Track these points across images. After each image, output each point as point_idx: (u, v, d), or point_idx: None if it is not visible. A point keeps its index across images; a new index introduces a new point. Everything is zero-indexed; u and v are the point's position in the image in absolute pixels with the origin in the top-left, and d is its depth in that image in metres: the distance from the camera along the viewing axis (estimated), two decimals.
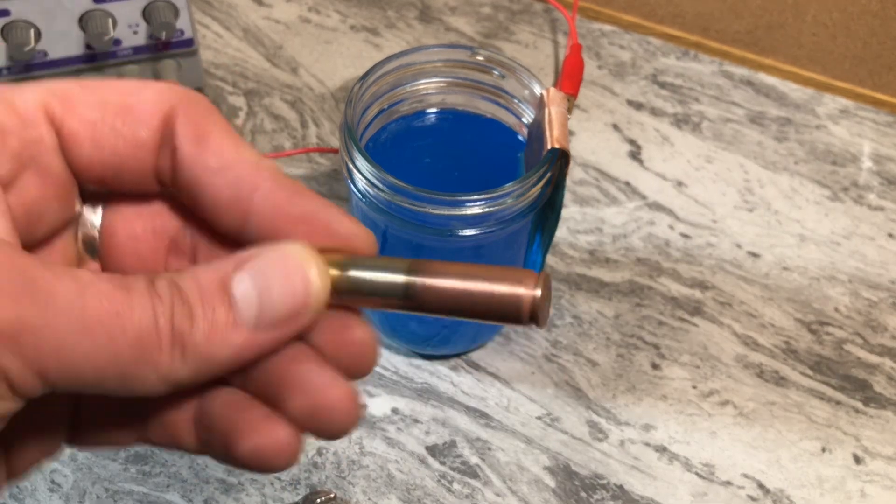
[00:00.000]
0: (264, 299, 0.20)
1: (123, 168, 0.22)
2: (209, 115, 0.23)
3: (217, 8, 0.64)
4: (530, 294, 0.21)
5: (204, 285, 0.20)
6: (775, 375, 0.47)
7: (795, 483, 0.44)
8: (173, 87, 0.23)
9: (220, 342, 0.20)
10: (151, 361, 0.20)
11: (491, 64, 0.43)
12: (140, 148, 0.22)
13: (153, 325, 0.19)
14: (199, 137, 0.22)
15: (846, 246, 0.53)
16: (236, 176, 0.22)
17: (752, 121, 0.59)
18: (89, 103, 0.22)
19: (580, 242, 0.52)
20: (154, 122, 0.22)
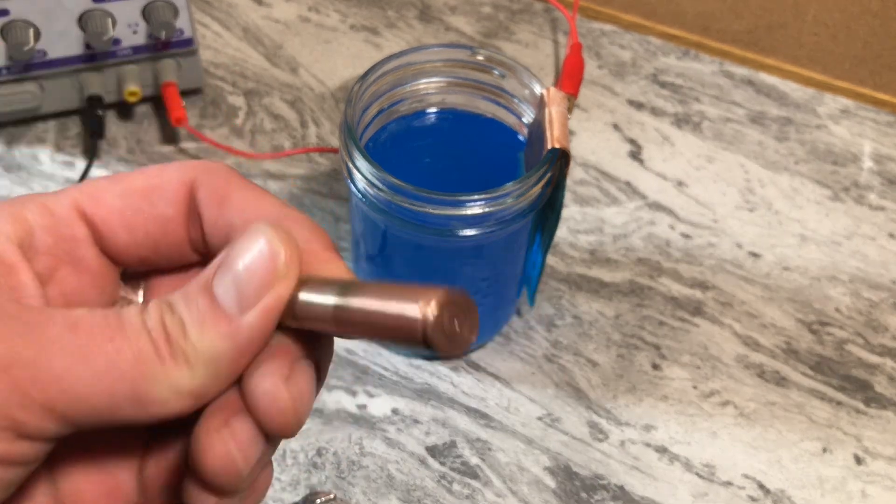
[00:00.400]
0: (236, 282, 0.21)
1: (158, 246, 0.24)
2: (228, 177, 0.24)
3: (217, 7, 0.64)
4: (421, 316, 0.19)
5: (190, 293, 0.21)
6: (776, 376, 0.47)
7: (796, 483, 0.44)
8: (193, 161, 0.24)
9: (214, 335, 0.21)
10: (158, 375, 0.20)
11: (491, 64, 0.43)
12: (169, 223, 0.24)
13: (148, 341, 0.20)
14: (220, 200, 0.23)
15: (847, 246, 0.53)
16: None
17: (752, 121, 0.59)
18: (116, 192, 0.23)
19: (580, 242, 0.52)
20: (178, 198, 0.23)
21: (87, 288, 0.23)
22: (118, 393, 0.20)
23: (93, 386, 0.19)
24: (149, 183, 0.23)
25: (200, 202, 0.23)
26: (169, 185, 0.23)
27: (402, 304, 0.20)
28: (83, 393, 0.19)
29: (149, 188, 0.23)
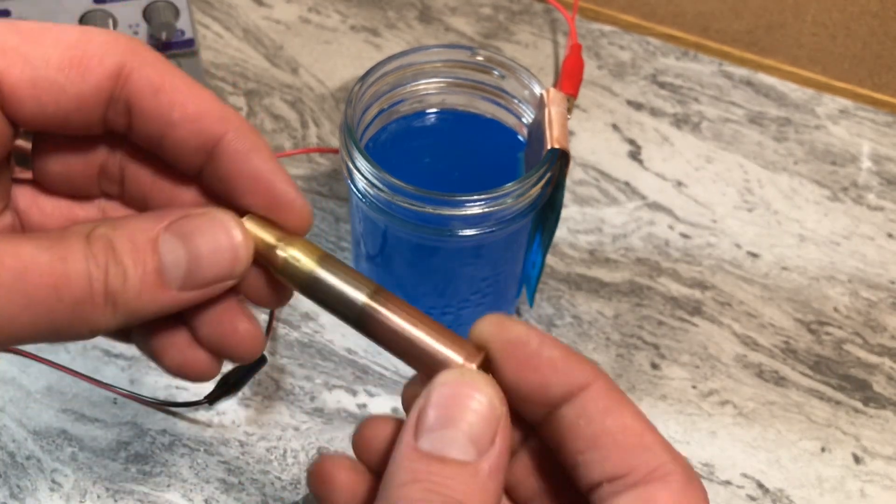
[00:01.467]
0: (192, 264, 0.22)
1: (67, 121, 0.22)
2: (162, 65, 0.23)
3: (217, 8, 0.64)
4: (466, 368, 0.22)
5: (137, 242, 0.22)
6: (775, 375, 0.47)
7: (795, 483, 0.44)
8: (120, 37, 0.22)
9: (149, 299, 0.22)
10: (85, 318, 0.21)
11: (491, 64, 0.43)
12: (86, 103, 0.22)
13: (88, 289, 0.21)
14: (156, 90, 0.22)
15: (846, 246, 0.53)
16: (200, 128, 0.22)
17: (751, 121, 0.59)
18: (29, 58, 0.21)
19: (580, 242, 0.52)
20: (101, 80, 0.22)
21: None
22: (46, 331, 0.21)
23: (29, 328, 0.21)
24: (70, 55, 0.22)
25: (132, 92, 0.22)
26: (93, 63, 0.22)
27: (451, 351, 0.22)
28: (18, 332, 0.21)
29: (69, 61, 0.22)
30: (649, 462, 0.22)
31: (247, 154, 0.23)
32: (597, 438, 0.22)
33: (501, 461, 0.21)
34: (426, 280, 0.43)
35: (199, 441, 0.43)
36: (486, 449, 0.21)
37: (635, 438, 0.22)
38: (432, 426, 0.21)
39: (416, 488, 0.20)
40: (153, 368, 0.45)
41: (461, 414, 0.21)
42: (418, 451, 0.21)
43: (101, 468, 0.42)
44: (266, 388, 0.45)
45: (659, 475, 0.21)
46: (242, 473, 0.43)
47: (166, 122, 0.22)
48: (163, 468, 0.43)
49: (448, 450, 0.20)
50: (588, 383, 0.22)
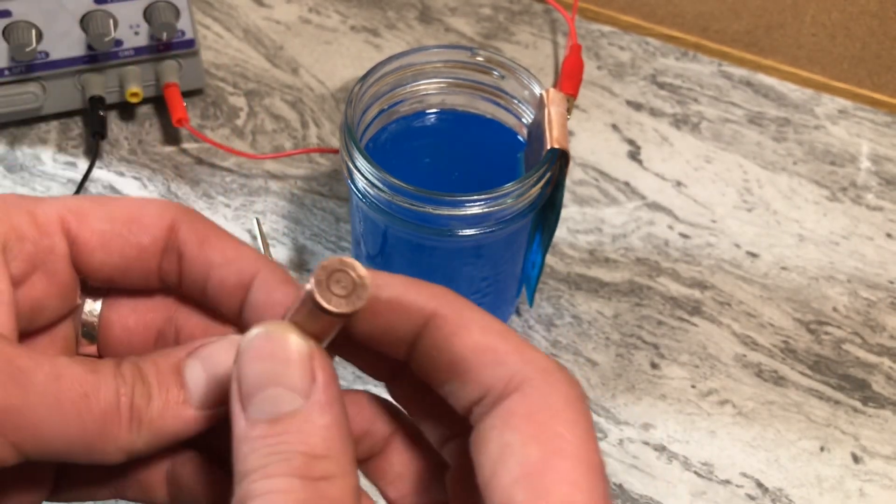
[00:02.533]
0: (210, 382, 0.23)
1: (129, 270, 0.26)
2: (207, 222, 0.26)
3: (218, 8, 0.64)
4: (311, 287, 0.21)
5: (161, 368, 0.24)
6: (774, 375, 0.47)
7: (794, 482, 0.44)
8: (172, 202, 0.26)
9: (172, 418, 0.23)
10: (112, 435, 0.22)
11: (491, 64, 0.43)
12: (145, 252, 0.25)
13: (115, 403, 0.22)
14: (201, 241, 0.26)
15: (845, 246, 0.53)
16: (239, 267, 0.25)
17: (751, 121, 0.59)
18: (100, 216, 0.25)
19: (580, 242, 0.52)
20: (157, 231, 0.25)
21: (54, 297, 0.25)
22: (76, 442, 0.22)
23: (60, 435, 0.22)
24: (132, 213, 0.25)
25: (182, 240, 0.25)
26: (150, 219, 0.25)
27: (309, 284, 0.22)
28: (49, 438, 0.22)
29: (131, 217, 0.25)
30: (501, 375, 0.21)
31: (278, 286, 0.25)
32: (451, 365, 0.22)
33: (330, 393, 0.21)
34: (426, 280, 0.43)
35: None
36: (310, 388, 0.21)
37: (487, 355, 0.21)
38: (252, 392, 0.21)
39: (255, 456, 0.20)
40: None
41: (273, 367, 0.21)
42: (249, 420, 0.21)
43: None
44: None
45: (514, 386, 0.21)
46: None
47: (210, 265, 0.25)
48: None
49: (275, 408, 0.21)
50: (429, 313, 0.22)
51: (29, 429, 0.21)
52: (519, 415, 0.20)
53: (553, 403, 0.20)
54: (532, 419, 0.20)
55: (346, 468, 0.21)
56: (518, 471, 0.20)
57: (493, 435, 0.20)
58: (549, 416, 0.20)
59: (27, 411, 0.21)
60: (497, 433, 0.20)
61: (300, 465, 0.20)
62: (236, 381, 0.22)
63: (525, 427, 0.20)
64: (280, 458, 0.20)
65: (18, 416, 0.21)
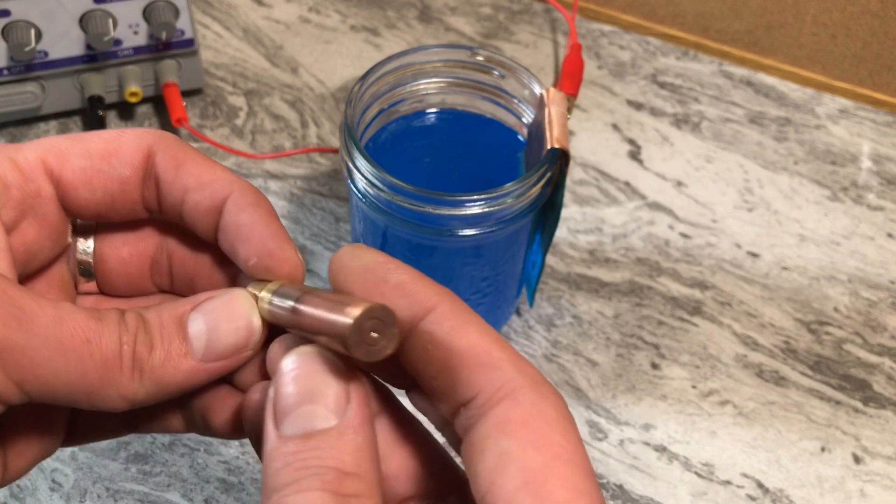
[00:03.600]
0: (212, 336, 0.24)
1: (115, 203, 0.26)
2: (182, 146, 0.26)
3: (217, 8, 0.64)
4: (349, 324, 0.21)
5: (164, 320, 0.24)
6: (775, 375, 0.47)
7: (795, 483, 0.44)
8: (147, 129, 0.27)
9: (173, 369, 0.24)
10: (114, 382, 0.23)
11: (491, 64, 0.43)
12: (126, 184, 0.26)
13: (118, 351, 0.23)
14: (177, 165, 0.26)
15: (846, 246, 0.53)
16: (212, 190, 0.26)
17: (751, 121, 0.59)
18: (78, 153, 0.26)
19: (580, 242, 0.52)
20: (136, 161, 0.26)
21: (45, 238, 0.26)
22: (77, 386, 0.22)
23: (61, 377, 0.22)
24: (109, 146, 0.26)
25: (158, 166, 0.26)
26: (128, 149, 0.26)
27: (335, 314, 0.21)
28: (51, 381, 0.22)
29: (109, 151, 0.26)
30: (495, 380, 0.21)
31: (245, 207, 0.26)
32: (444, 361, 0.22)
33: (363, 413, 0.21)
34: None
35: (199, 441, 0.43)
36: (344, 407, 0.21)
37: (482, 357, 0.21)
38: (287, 409, 0.21)
39: (288, 471, 0.20)
40: None
41: (310, 387, 0.22)
42: (282, 437, 0.21)
43: (101, 468, 0.42)
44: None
45: (506, 392, 0.21)
46: (242, 473, 0.43)
47: (185, 190, 0.26)
48: (163, 468, 0.43)
49: (309, 425, 0.21)
50: (431, 306, 0.22)
51: (31, 369, 0.22)
52: (515, 422, 0.20)
53: (545, 412, 0.21)
54: (529, 426, 0.20)
55: (374, 489, 0.21)
56: (520, 477, 0.20)
57: (488, 443, 0.20)
58: (545, 424, 0.20)
59: (30, 351, 0.22)
60: (493, 441, 0.20)
61: (331, 481, 0.20)
62: (271, 400, 0.22)
63: (522, 434, 0.20)
64: (312, 473, 0.20)
65: (21, 356, 0.22)
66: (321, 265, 0.50)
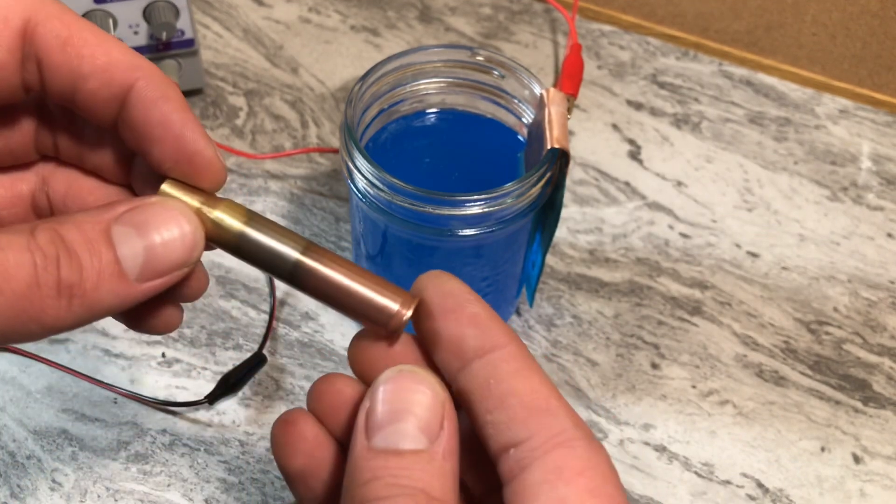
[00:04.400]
0: (149, 253, 0.21)
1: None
2: (66, 14, 0.22)
3: (217, 8, 0.64)
4: (402, 313, 0.23)
5: (89, 233, 0.21)
6: (775, 375, 0.47)
7: (795, 482, 0.44)
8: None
9: (108, 292, 0.21)
10: (35, 314, 0.20)
11: (491, 64, 0.43)
12: (3, 69, 0.22)
13: (34, 281, 0.20)
14: (63, 44, 0.22)
15: (845, 246, 0.53)
16: (110, 78, 0.22)
17: (751, 121, 0.59)
18: None
19: (580, 242, 0.52)
20: (13, 42, 0.22)
21: None
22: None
23: None
24: None
25: (40, 47, 0.22)
26: (3, 26, 0.22)
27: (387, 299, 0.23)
28: None
29: None
30: (552, 426, 0.21)
31: (155, 101, 0.22)
32: (504, 398, 0.22)
33: (452, 443, 0.22)
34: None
35: (199, 441, 0.43)
36: (437, 434, 0.21)
37: (542, 402, 0.22)
38: (381, 423, 0.21)
39: (379, 485, 0.20)
40: (153, 368, 0.45)
41: (407, 406, 0.21)
42: (373, 450, 0.21)
43: (102, 468, 0.42)
44: (266, 388, 0.45)
45: (562, 440, 0.21)
46: (242, 473, 0.43)
47: (76, 76, 0.22)
48: (163, 468, 0.43)
49: (401, 442, 0.21)
50: (502, 344, 0.23)
51: None
52: (572, 470, 0.21)
53: (599, 465, 0.21)
54: (585, 476, 0.21)
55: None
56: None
57: (544, 488, 0.21)
58: (600, 476, 0.21)
59: None
60: (549, 487, 0.21)
61: (424, 502, 0.20)
62: (366, 412, 0.22)
63: (580, 483, 0.21)
64: (403, 493, 0.20)
65: None
66: None
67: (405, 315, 0.23)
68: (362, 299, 0.23)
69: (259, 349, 0.46)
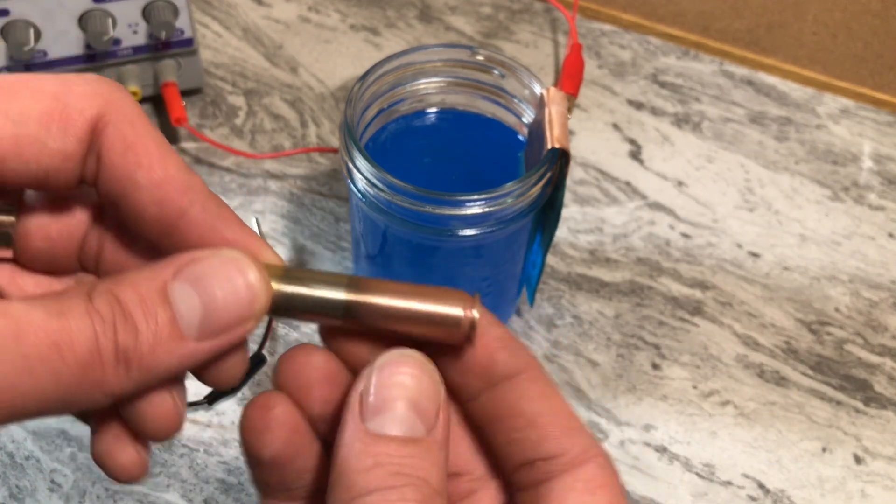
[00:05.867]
0: (208, 308, 0.20)
1: (49, 178, 0.22)
2: (137, 120, 0.22)
3: (217, 7, 0.64)
4: (469, 316, 0.23)
5: (144, 294, 0.20)
6: (776, 375, 0.47)
7: (796, 483, 0.44)
8: (101, 85, 0.22)
9: (165, 354, 0.20)
10: (95, 383, 0.20)
11: (491, 63, 0.43)
12: (68, 160, 0.22)
13: (95, 347, 0.19)
14: (126, 148, 0.22)
15: (847, 246, 0.53)
16: (163, 196, 0.22)
17: (752, 120, 0.59)
18: (10, 114, 0.21)
19: (580, 242, 0.52)
20: (82, 132, 0.22)
21: None
22: (52, 397, 0.19)
23: (32, 395, 0.19)
24: (50, 106, 0.21)
25: (104, 144, 0.22)
26: (73, 117, 0.21)
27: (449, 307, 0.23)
28: (20, 403, 0.19)
29: (51, 114, 0.21)
30: (580, 444, 0.23)
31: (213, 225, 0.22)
32: (536, 418, 0.23)
33: (446, 432, 0.22)
34: (426, 280, 0.43)
35: (198, 441, 0.43)
36: (434, 423, 0.21)
37: (568, 421, 0.23)
38: (380, 407, 0.21)
39: (382, 473, 0.20)
40: None
41: (406, 392, 0.21)
42: (371, 433, 0.20)
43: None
44: (266, 389, 0.45)
45: (589, 456, 0.23)
46: (242, 474, 0.42)
47: (130, 183, 0.22)
48: (162, 468, 0.42)
49: (402, 429, 0.21)
50: (528, 367, 0.23)
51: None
52: (599, 483, 0.22)
53: (616, 481, 0.23)
54: (607, 489, 0.23)
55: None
56: None
57: (572, 496, 0.22)
58: (618, 489, 0.23)
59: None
60: (577, 495, 0.22)
61: (428, 494, 0.20)
62: (361, 392, 0.21)
63: (604, 494, 0.22)
64: (410, 483, 0.20)
65: None
66: (321, 265, 0.50)
67: (474, 316, 0.23)
68: (424, 317, 0.23)
69: (259, 349, 0.46)
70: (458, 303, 0.23)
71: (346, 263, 0.50)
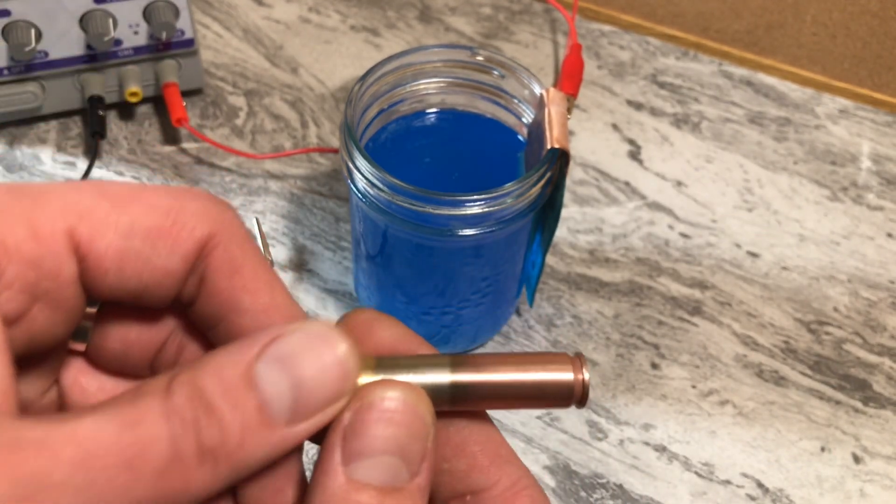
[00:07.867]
0: (297, 390, 0.19)
1: (145, 293, 0.21)
2: (246, 243, 0.21)
3: (217, 8, 0.64)
4: (580, 379, 0.21)
5: (228, 381, 0.18)
6: (775, 375, 0.47)
7: (795, 482, 0.44)
8: (212, 203, 0.21)
9: (255, 445, 0.18)
10: (179, 487, 0.18)
11: (491, 64, 0.43)
12: (170, 277, 0.21)
13: (174, 452, 0.18)
14: (234, 271, 0.21)
15: (845, 246, 0.53)
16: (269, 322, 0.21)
17: (751, 121, 0.59)
18: (119, 227, 0.20)
19: (580, 242, 0.52)
20: (189, 251, 0.20)
21: (59, 325, 0.20)
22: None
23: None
24: (160, 224, 0.20)
25: (209, 265, 0.21)
26: (182, 235, 0.20)
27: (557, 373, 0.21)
28: None
29: (159, 231, 0.20)
30: (511, 475, 0.22)
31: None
32: (463, 447, 0.22)
33: (429, 476, 0.20)
34: (426, 280, 0.43)
35: None
36: (418, 469, 0.20)
37: (501, 450, 0.22)
38: (368, 451, 0.19)
39: None
40: None
41: (395, 435, 0.19)
42: (352, 480, 0.19)
43: None
44: None
45: (521, 488, 0.22)
46: None
47: (234, 306, 0.21)
48: None
49: (387, 478, 0.19)
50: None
51: None
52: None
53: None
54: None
55: None
56: None
57: None
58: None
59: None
60: None
61: None
62: (344, 432, 0.19)
63: None
64: None
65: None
66: (321, 265, 0.50)
67: (586, 378, 0.21)
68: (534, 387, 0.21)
69: None
70: (566, 367, 0.21)
71: (346, 263, 0.50)
